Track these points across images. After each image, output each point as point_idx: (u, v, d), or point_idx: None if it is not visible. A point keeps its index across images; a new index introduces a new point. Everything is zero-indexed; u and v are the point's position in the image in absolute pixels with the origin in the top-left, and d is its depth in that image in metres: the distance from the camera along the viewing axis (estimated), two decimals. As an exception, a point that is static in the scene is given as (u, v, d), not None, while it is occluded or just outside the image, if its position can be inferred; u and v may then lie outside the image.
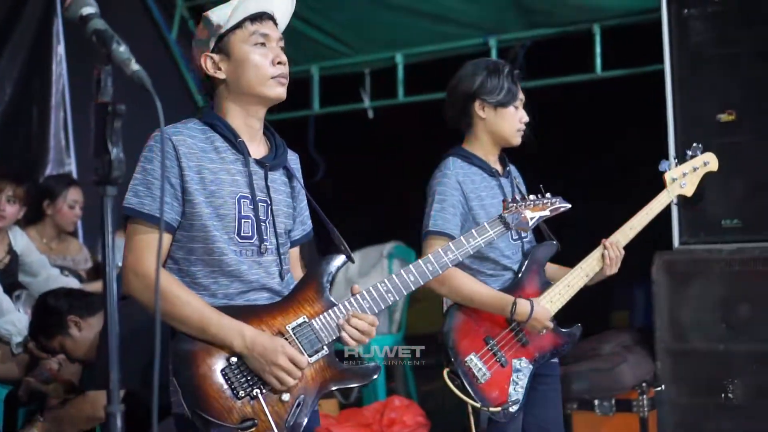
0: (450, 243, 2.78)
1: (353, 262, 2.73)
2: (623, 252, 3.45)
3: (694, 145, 3.64)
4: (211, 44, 2.57)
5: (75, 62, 6.12)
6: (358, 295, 2.59)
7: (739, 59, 4.84)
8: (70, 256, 5.20)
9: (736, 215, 4.73)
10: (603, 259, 3.42)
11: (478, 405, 3.21)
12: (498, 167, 3.49)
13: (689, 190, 3.60)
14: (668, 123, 4.92)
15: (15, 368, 4.41)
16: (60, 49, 6.06)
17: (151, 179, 2.43)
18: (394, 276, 2.64)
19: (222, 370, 2.42)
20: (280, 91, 2.58)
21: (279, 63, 2.57)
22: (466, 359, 3.24)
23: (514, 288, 3.37)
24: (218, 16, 2.56)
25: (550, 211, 3.02)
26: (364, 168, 7.26)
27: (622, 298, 6.71)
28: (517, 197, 2.98)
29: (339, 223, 2.75)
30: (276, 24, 2.64)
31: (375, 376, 2.61)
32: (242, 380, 2.43)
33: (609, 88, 6.18)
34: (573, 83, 6.31)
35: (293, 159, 2.76)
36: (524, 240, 3.47)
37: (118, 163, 1.65)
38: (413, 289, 2.66)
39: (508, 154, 3.59)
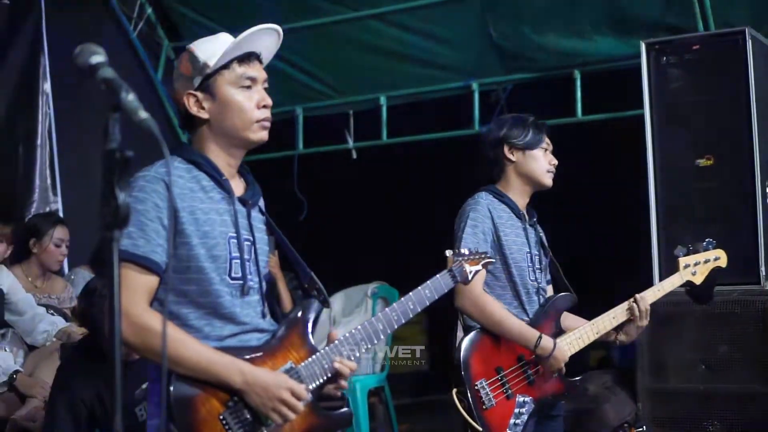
0: (411, 293, 2.81)
1: (329, 307, 2.74)
2: (649, 307, 3.53)
3: (708, 240, 3.75)
4: (196, 82, 2.50)
5: (61, 100, 6.14)
6: (337, 342, 2.58)
7: (714, 105, 4.95)
8: (55, 294, 5.17)
9: (715, 258, 4.78)
10: (632, 312, 3.50)
11: (480, 429, 3.26)
12: (526, 214, 3.60)
13: (698, 279, 3.71)
14: (648, 167, 5.02)
15: (1, 407, 4.39)
16: (46, 87, 6.07)
17: (144, 220, 2.37)
18: (366, 323, 2.66)
19: (220, 415, 2.38)
20: (263, 135, 2.55)
21: (264, 106, 2.53)
22: (476, 383, 3.31)
23: (531, 326, 3.44)
24: (205, 53, 2.50)
25: (482, 265, 3.10)
26: (347, 208, 7.31)
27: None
28: (462, 251, 3.07)
29: (322, 262, 2.77)
30: (261, 62, 2.59)
31: (351, 423, 2.65)
32: (239, 425, 2.39)
33: (589, 132, 6.28)
34: (554, 126, 6.39)
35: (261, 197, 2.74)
36: (540, 285, 3.56)
37: (125, 207, 1.68)
38: (382, 337, 2.68)
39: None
